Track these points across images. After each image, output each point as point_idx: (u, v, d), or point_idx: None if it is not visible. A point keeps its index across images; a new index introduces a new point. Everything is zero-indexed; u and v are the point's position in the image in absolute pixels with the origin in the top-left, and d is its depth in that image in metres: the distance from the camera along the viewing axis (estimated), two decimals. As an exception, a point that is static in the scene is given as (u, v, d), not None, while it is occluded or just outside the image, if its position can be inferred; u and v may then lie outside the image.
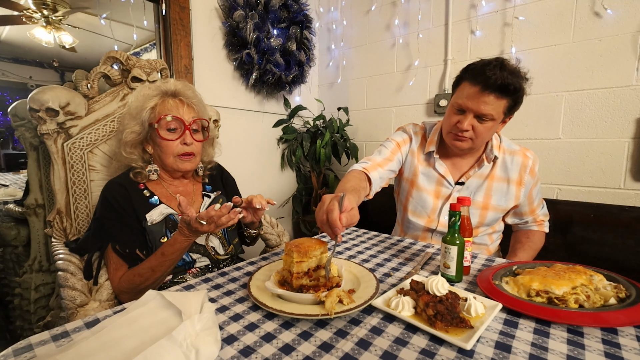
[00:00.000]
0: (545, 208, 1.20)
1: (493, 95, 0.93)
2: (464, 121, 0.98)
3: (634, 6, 1.37)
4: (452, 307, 0.57)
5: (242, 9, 1.82)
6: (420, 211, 1.17)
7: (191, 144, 0.99)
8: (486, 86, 0.92)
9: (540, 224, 1.18)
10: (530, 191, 1.12)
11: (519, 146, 1.13)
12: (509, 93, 0.93)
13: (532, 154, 1.11)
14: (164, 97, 0.98)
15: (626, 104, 1.41)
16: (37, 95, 0.99)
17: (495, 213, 1.11)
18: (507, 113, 0.99)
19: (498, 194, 1.10)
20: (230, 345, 0.53)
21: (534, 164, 1.10)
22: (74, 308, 0.85)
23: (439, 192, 1.15)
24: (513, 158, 1.10)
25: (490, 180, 1.11)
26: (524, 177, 1.09)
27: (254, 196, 0.91)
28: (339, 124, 2.28)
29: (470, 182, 1.12)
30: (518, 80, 0.93)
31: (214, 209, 0.77)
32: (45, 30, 3.15)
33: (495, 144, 1.10)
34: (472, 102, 0.95)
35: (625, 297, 0.64)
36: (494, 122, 0.98)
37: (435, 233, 1.16)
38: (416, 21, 2.00)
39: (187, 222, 0.81)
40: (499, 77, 0.90)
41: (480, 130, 0.99)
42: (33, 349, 0.51)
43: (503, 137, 1.15)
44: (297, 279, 0.66)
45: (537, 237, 1.18)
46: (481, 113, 0.95)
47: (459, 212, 0.76)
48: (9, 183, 2.39)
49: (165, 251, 0.85)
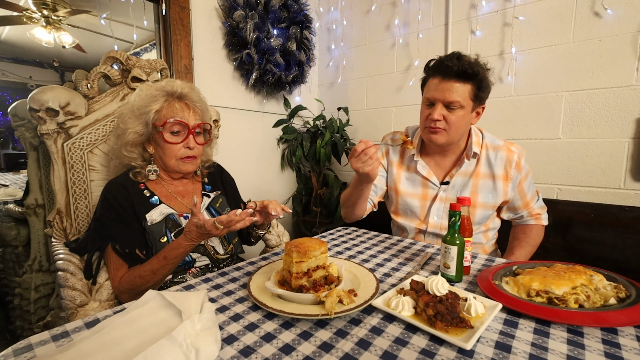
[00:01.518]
0: (540, 200, 1.19)
1: (455, 82, 0.99)
2: (434, 112, 1.02)
3: (634, 6, 1.37)
4: (452, 307, 0.57)
5: (242, 9, 1.82)
6: (410, 215, 1.19)
7: (194, 148, 0.99)
8: (447, 75, 0.99)
9: (537, 218, 1.17)
10: (519, 185, 1.12)
11: (503, 141, 1.13)
12: (469, 77, 0.98)
13: (517, 148, 1.11)
14: (170, 99, 0.98)
15: (626, 104, 1.41)
16: (37, 95, 0.99)
17: (483, 210, 1.11)
18: (475, 100, 1.02)
19: (484, 191, 1.10)
20: (230, 345, 0.53)
21: (519, 157, 1.09)
22: (74, 308, 0.85)
23: (426, 194, 1.16)
24: (497, 153, 1.10)
25: (475, 177, 1.11)
26: (510, 171, 1.09)
27: (270, 202, 0.92)
28: (339, 124, 2.28)
29: (455, 180, 1.12)
30: (476, 67, 0.99)
31: (235, 214, 0.79)
32: (45, 30, 3.15)
33: (477, 141, 1.11)
34: (437, 92, 1.01)
35: (625, 297, 0.64)
36: (463, 110, 1.01)
37: (427, 234, 1.17)
38: (416, 21, 2.00)
39: (198, 225, 0.81)
40: (457, 65, 0.98)
41: (452, 119, 1.02)
42: (33, 349, 0.51)
43: (486, 132, 1.15)
44: (296, 279, 0.66)
45: (534, 232, 1.17)
46: (448, 101, 1.00)
47: (459, 212, 0.76)
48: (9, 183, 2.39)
49: (168, 255, 0.86)
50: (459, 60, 0.98)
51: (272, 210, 0.89)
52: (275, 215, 0.90)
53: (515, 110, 1.70)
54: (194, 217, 0.81)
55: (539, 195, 1.19)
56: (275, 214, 0.89)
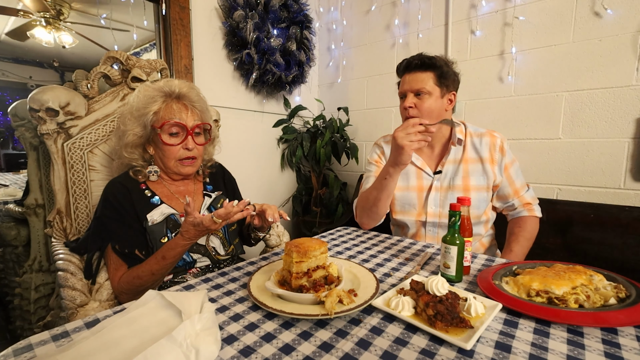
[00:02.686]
0: (531, 191, 1.21)
1: (418, 73, 1.12)
2: (406, 101, 1.14)
3: (634, 6, 1.37)
4: (452, 307, 0.57)
5: (242, 9, 1.82)
6: (409, 208, 1.22)
7: (193, 149, 0.99)
8: (409, 68, 1.15)
9: (529, 208, 1.18)
10: (506, 170, 1.16)
11: (485, 129, 1.21)
12: (429, 67, 1.11)
13: (499, 134, 1.18)
14: (168, 100, 0.97)
15: (626, 104, 1.41)
16: (37, 95, 0.99)
17: (478, 193, 1.15)
18: (441, 85, 1.12)
19: (475, 174, 1.16)
20: (230, 345, 0.53)
21: (502, 142, 1.17)
22: (74, 308, 0.85)
23: (422, 186, 1.21)
24: (481, 139, 1.18)
25: (464, 163, 1.17)
26: (495, 155, 1.15)
27: (269, 207, 0.92)
28: (339, 124, 2.28)
29: (447, 168, 1.18)
30: (434, 59, 1.12)
31: (232, 205, 0.79)
32: (45, 30, 3.15)
33: (460, 129, 1.19)
34: (405, 84, 1.15)
35: (625, 297, 0.64)
36: (432, 97, 1.11)
37: (428, 225, 1.19)
38: (416, 21, 2.00)
39: (195, 223, 0.81)
40: (417, 59, 1.13)
41: (423, 106, 1.11)
42: (33, 349, 0.51)
43: (468, 123, 1.23)
44: (296, 279, 0.66)
45: (529, 225, 1.18)
46: (415, 89, 1.12)
47: (459, 212, 0.76)
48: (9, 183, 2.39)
49: (166, 255, 0.86)
50: (419, 56, 1.13)
51: (269, 216, 0.89)
52: (272, 221, 0.90)
53: (515, 110, 1.70)
54: (189, 217, 0.81)
55: (529, 187, 1.21)
56: (272, 221, 0.89)
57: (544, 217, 1.21)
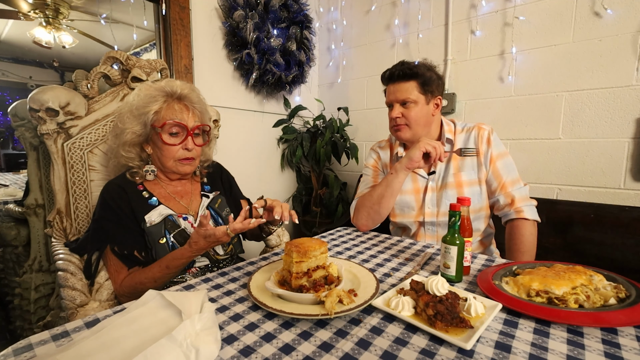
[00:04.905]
0: (524, 189, 1.13)
1: (401, 83, 1.14)
2: (393, 111, 1.16)
3: (634, 6, 1.37)
4: (452, 307, 0.57)
5: (242, 9, 1.82)
6: (408, 211, 1.22)
7: (192, 149, 0.99)
8: (392, 79, 1.17)
9: (517, 210, 1.09)
10: (492, 162, 1.14)
11: (474, 123, 1.22)
12: (411, 76, 1.13)
13: (487, 126, 1.19)
14: (169, 100, 0.97)
15: (626, 104, 1.41)
16: (37, 95, 0.99)
17: (471, 187, 1.15)
18: (425, 93, 1.13)
19: (466, 168, 1.17)
20: (230, 345, 0.53)
21: (489, 134, 1.17)
22: (74, 308, 0.85)
23: (418, 188, 1.22)
24: (470, 134, 1.19)
25: (454, 160, 1.18)
26: (481, 146, 1.16)
27: (279, 204, 0.93)
28: (339, 124, 2.28)
29: (439, 168, 1.20)
30: (416, 67, 1.13)
31: (249, 222, 0.83)
32: (45, 30, 3.15)
33: (449, 129, 1.21)
34: (391, 95, 1.18)
35: (625, 297, 0.64)
36: (417, 105, 1.13)
37: (426, 225, 1.19)
38: (416, 21, 2.00)
39: (207, 235, 0.82)
40: (398, 69, 1.15)
41: (410, 115, 1.13)
42: (33, 348, 0.51)
43: (457, 122, 1.24)
44: (296, 279, 0.66)
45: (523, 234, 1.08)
46: (401, 99, 1.14)
47: (458, 212, 0.76)
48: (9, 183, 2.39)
49: (170, 264, 0.87)
50: (401, 65, 1.15)
51: (277, 214, 0.90)
52: (279, 219, 0.90)
53: (515, 110, 1.70)
54: (202, 228, 0.82)
55: (521, 183, 1.14)
56: (278, 218, 0.90)
57: (543, 217, 1.18)
